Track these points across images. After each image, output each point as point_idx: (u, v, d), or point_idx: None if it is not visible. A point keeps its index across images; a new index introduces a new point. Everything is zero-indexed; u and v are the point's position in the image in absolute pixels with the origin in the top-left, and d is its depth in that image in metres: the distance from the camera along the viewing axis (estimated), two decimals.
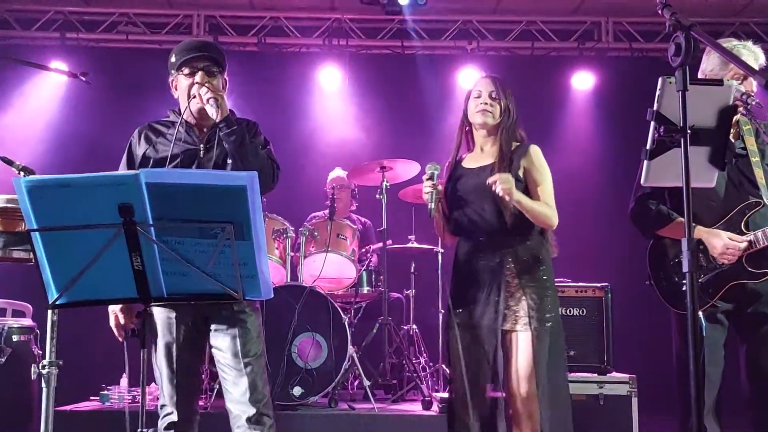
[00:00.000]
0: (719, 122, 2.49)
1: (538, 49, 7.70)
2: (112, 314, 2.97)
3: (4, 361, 4.50)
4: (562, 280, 5.26)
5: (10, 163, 2.93)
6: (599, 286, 5.15)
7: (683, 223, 2.28)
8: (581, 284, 5.17)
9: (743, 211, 3.23)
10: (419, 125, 7.16)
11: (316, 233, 5.57)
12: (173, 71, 3.11)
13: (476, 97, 3.44)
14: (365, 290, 5.80)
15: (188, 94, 3.03)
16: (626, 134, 6.34)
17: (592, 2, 7.33)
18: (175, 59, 3.08)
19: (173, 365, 2.94)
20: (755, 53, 3.27)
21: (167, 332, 2.96)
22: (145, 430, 2.37)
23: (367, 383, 5.08)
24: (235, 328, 2.95)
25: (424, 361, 5.83)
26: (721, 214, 3.26)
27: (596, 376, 4.94)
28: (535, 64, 7.65)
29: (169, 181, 2.17)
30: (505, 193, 3.16)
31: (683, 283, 3.20)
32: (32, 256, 2.20)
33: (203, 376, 4.60)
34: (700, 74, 3.39)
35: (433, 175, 3.41)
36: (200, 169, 2.99)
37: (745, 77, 3.20)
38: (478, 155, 3.48)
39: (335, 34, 7.60)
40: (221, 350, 2.96)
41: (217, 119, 2.96)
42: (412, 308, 5.95)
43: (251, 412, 2.88)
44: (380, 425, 4.79)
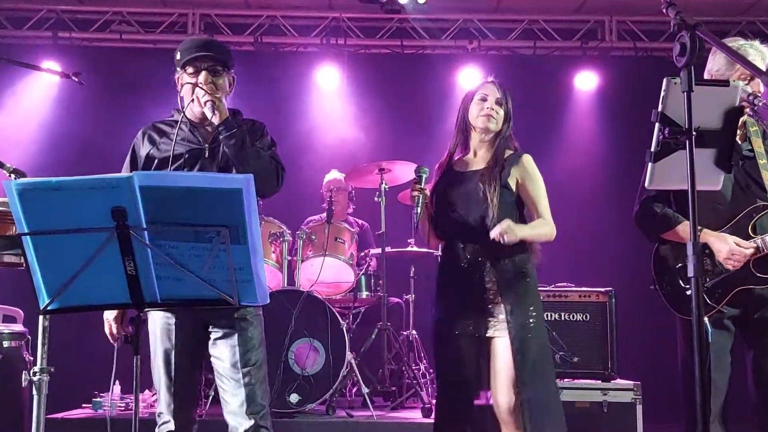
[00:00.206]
0: (725, 124, 2.48)
1: (540, 48, 7.70)
2: (106, 322, 2.98)
3: None
4: (564, 284, 5.26)
5: (0, 165, 2.92)
6: (603, 290, 5.15)
7: (689, 226, 2.28)
8: (584, 289, 5.17)
9: (750, 214, 3.23)
10: (419, 126, 7.15)
11: (313, 237, 5.56)
12: (177, 69, 3.11)
13: (481, 100, 3.44)
14: (364, 295, 5.80)
15: (191, 94, 3.03)
16: (630, 135, 6.36)
17: (595, 1, 7.33)
18: (179, 57, 3.07)
19: (171, 373, 2.93)
20: (762, 53, 3.27)
21: (166, 339, 2.95)
22: None
23: (365, 390, 5.07)
24: (235, 336, 2.93)
25: (423, 367, 5.83)
26: (727, 217, 3.26)
27: (600, 383, 4.94)
28: (537, 63, 7.64)
29: (163, 183, 2.17)
30: (510, 241, 3.19)
31: (688, 287, 3.20)
32: (23, 260, 2.20)
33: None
34: (706, 74, 3.39)
35: (421, 178, 3.41)
36: (204, 169, 2.99)
37: (751, 77, 3.19)
38: (470, 159, 3.49)
39: (333, 33, 7.60)
40: (220, 359, 2.94)
41: (215, 122, 2.96)
42: (411, 313, 5.95)
43: (248, 424, 2.86)
44: None
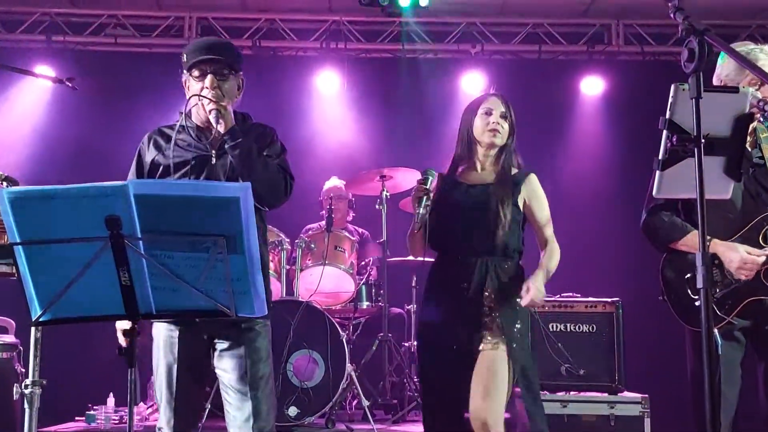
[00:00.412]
0: (735, 131, 2.48)
1: (545, 52, 7.72)
2: (119, 331, 2.92)
3: None
4: (570, 294, 5.26)
5: None
6: (610, 301, 5.14)
7: (697, 236, 2.28)
8: (591, 299, 5.16)
9: (761, 223, 3.23)
10: (421, 132, 7.15)
11: (312, 245, 5.57)
12: (184, 71, 3.08)
13: (485, 113, 3.43)
14: (364, 305, 5.79)
15: (196, 100, 3.00)
16: (638, 142, 6.36)
17: (601, 4, 7.35)
18: (186, 59, 3.04)
19: (173, 387, 2.90)
20: None
21: (169, 352, 2.93)
22: None
23: (366, 403, 5.06)
24: (242, 347, 2.91)
25: None
26: (737, 226, 3.25)
27: (607, 395, 4.93)
28: (542, 68, 7.66)
29: (158, 192, 2.17)
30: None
31: (698, 298, 3.19)
32: (15, 270, 2.19)
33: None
34: (715, 79, 3.39)
35: (427, 180, 3.38)
36: (211, 176, 2.97)
37: (762, 83, 3.19)
38: (477, 172, 3.48)
39: (333, 36, 7.62)
40: (226, 371, 2.92)
41: (220, 131, 2.93)
42: (413, 324, 5.93)
43: None
44: None
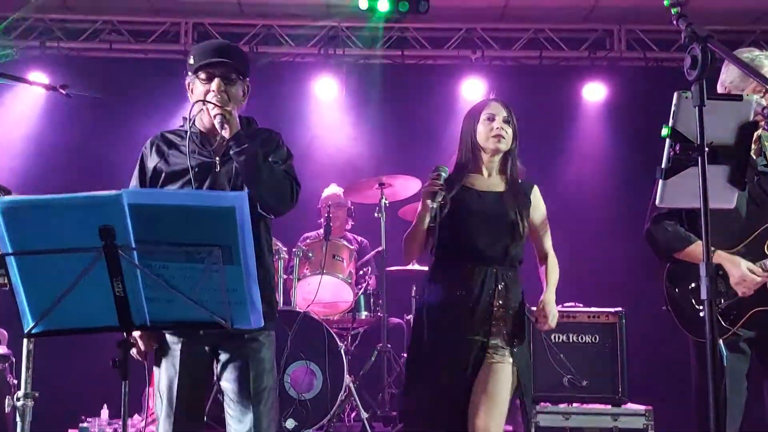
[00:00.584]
0: (739, 139, 2.49)
1: (546, 58, 7.73)
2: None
3: None
4: (572, 304, 5.26)
5: None
6: (613, 311, 5.14)
7: (701, 246, 2.28)
8: (593, 309, 5.16)
9: (766, 232, 3.23)
10: (420, 139, 7.16)
11: (310, 254, 5.56)
12: (189, 73, 3.06)
13: (488, 119, 3.42)
14: (363, 315, 5.79)
15: (201, 104, 2.97)
16: (641, 149, 6.36)
17: (603, 9, 7.36)
18: (193, 61, 3.02)
19: (173, 401, 2.88)
20: None
21: (170, 363, 2.91)
22: None
23: (364, 415, 5.06)
24: (245, 359, 2.90)
25: None
26: (742, 235, 3.26)
27: (610, 407, 4.93)
28: (543, 74, 7.68)
29: (153, 201, 2.17)
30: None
31: (702, 309, 3.19)
32: (7, 281, 2.20)
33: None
34: (719, 86, 3.39)
35: (440, 176, 3.30)
36: (215, 183, 2.95)
37: (767, 90, 3.20)
38: (484, 179, 3.46)
39: (331, 42, 7.63)
40: (228, 383, 2.91)
41: (225, 137, 2.91)
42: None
43: None
44: None
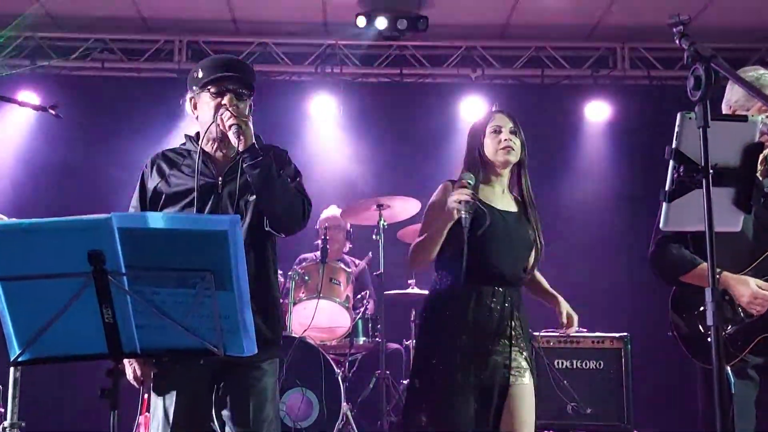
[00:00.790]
0: (745, 160, 2.49)
1: (548, 77, 7.76)
2: (128, 364, 2.89)
3: None
4: (577, 329, 5.23)
5: None
6: (618, 336, 5.13)
7: (707, 269, 2.28)
8: (598, 334, 5.15)
9: None
10: (419, 160, 7.19)
11: (306, 277, 5.55)
12: (195, 88, 3.01)
13: (494, 132, 3.39)
14: (361, 341, 5.76)
15: (213, 115, 2.93)
16: (645, 169, 6.38)
17: (606, 27, 7.41)
18: (202, 75, 2.98)
19: (169, 429, 2.85)
20: None
21: (167, 390, 2.89)
22: None
23: None
24: (246, 387, 2.88)
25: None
26: (749, 258, 3.25)
27: None
28: (545, 93, 7.71)
29: (143, 225, 2.16)
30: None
31: (709, 335, 3.18)
32: None
33: None
34: (724, 105, 3.40)
35: (470, 184, 3.23)
36: (217, 206, 2.93)
37: None
38: (496, 195, 3.43)
39: (328, 60, 7.67)
40: (228, 411, 2.88)
41: (240, 149, 2.86)
42: (412, 361, 5.90)
43: None
44: None
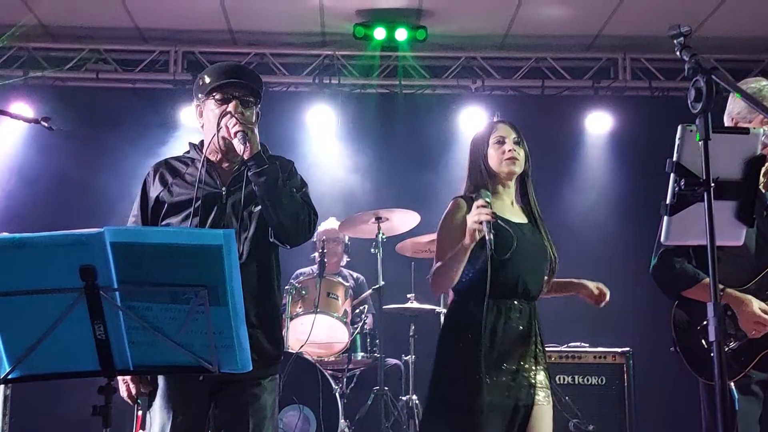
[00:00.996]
0: (747, 173, 2.49)
1: (549, 87, 7.77)
2: (122, 382, 2.89)
3: None
4: (578, 344, 5.24)
5: None
6: (620, 351, 5.13)
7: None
8: (600, 349, 5.15)
9: None
10: (418, 172, 7.19)
11: (303, 292, 5.55)
12: (201, 95, 3.01)
13: (498, 143, 3.36)
14: (359, 356, 5.76)
15: (217, 124, 2.93)
16: (647, 181, 6.36)
17: (607, 37, 7.42)
18: (208, 81, 2.98)
19: None
20: None
21: (164, 407, 2.88)
22: None
23: None
24: (245, 404, 2.86)
25: None
26: (751, 272, 3.26)
27: None
28: (545, 104, 7.72)
29: (136, 240, 2.16)
30: None
31: (712, 350, 3.17)
32: None
33: None
34: (726, 117, 3.41)
35: (488, 203, 3.14)
36: (220, 217, 2.91)
37: None
38: (509, 207, 3.41)
39: (327, 71, 7.68)
40: (225, 429, 2.88)
41: (245, 156, 2.85)
42: (411, 376, 5.88)
43: None
44: None
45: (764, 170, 3.22)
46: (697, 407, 3.39)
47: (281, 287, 3.16)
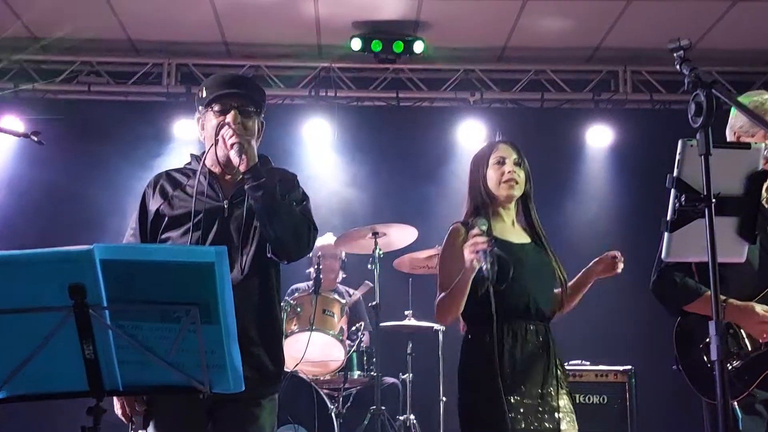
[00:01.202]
0: (748, 189, 2.50)
1: (548, 100, 7.79)
2: (116, 400, 2.87)
3: None
4: (579, 362, 5.22)
5: None
6: (621, 369, 5.12)
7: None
8: (601, 368, 5.14)
9: None
10: (416, 185, 7.19)
11: (298, 309, 5.53)
12: (201, 107, 3.01)
13: (498, 163, 3.34)
14: (355, 375, 5.73)
15: (216, 135, 2.92)
16: (648, 195, 6.35)
17: (607, 50, 7.44)
18: (206, 93, 2.98)
19: None
20: None
21: (160, 429, 2.86)
22: None
23: None
24: (243, 425, 2.85)
25: None
26: (755, 288, 3.25)
27: None
28: (545, 117, 7.73)
29: (126, 257, 2.15)
30: None
31: (714, 369, 3.17)
32: None
33: None
34: (728, 130, 3.42)
35: (484, 232, 3.08)
36: (223, 231, 2.89)
37: None
38: (510, 228, 3.40)
39: (323, 84, 7.69)
40: None
41: (241, 169, 2.84)
42: (409, 395, 5.86)
43: None
44: None
45: (766, 185, 3.23)
46: (701, 426, 3.38)
47: (281, 305, 3.13)
